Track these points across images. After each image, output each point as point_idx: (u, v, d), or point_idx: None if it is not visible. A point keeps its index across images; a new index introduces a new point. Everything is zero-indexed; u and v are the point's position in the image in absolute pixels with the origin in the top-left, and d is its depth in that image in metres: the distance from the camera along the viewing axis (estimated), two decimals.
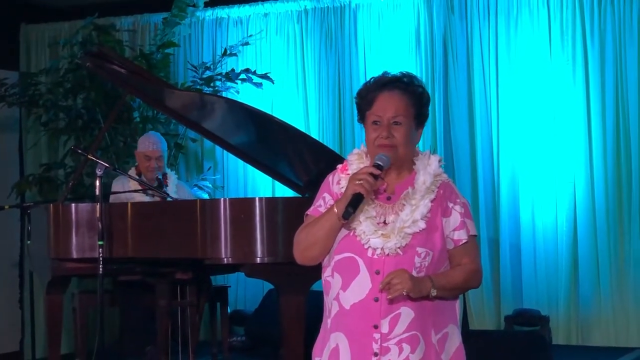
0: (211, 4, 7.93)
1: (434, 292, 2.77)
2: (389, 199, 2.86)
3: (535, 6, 7.19)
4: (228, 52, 7.67)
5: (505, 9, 7.27)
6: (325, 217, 2.83)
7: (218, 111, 5.75)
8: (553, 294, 7.07)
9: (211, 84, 7.54)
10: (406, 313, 2.77)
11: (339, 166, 2.96)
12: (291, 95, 7.90)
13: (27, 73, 8.18)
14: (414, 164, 2.90)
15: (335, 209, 2.79)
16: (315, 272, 2.97)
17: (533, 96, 7.18)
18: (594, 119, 7.03)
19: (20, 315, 8.39)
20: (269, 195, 7.65)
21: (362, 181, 2.75)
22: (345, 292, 2.81)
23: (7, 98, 7.68)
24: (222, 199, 5.41)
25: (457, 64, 7.40)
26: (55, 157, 8.23)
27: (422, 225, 2.80)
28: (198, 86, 7.54)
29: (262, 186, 7.85)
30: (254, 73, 7.50)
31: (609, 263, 6.94)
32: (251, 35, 7.91)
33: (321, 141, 6.61)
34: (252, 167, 6.31)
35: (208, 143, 7.80)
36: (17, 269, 8.41)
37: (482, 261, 3.00)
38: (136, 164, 6.26)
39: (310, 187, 5.57)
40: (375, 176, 2.77)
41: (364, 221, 2.81)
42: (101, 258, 5.20)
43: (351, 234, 2.82)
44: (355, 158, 2.93)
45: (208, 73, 7.63)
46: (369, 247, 2.79)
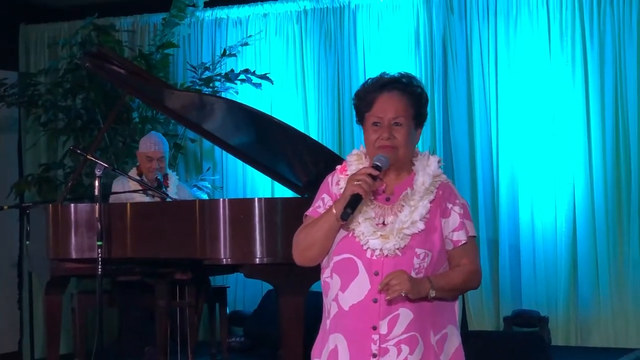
0: (210, 5, 7.92)
1: (433, 293, 2.77)
2: (388, 200, 2.86)
3: (534, 7, 7.19)
4: (227, 53, 7.67)
5: (504, 10, 7.27)
6: (324, 218, 2.83)
7: (217, 112, 5.74)
8: (552, 295, 7.06)
9: (210, 85, 7.53)
10: (405, 314, 2.77)
11: (338, 167, 2.95)
12: (290, 95, 7.90)
13: (27, 73, 8.17)
14: (413, 165, 2.90)
15: (334, 210, 2.79)
16: (314, 273, 2.97)
17: (532, 97, 7.18)
18: (593, 120, 7.03)
19: (19, 315, 8.38)
20: (268, 195, 7.64)
21: (361, 182, 2.75)
22: (344, 293, 2.81)
23: (7, 98, 7.68)
24: (221, 200, 5.40)
25: (457, 65, 7.39)
26: (54, 158, 8.23)
27: (421, 226, 2.80)
28: (197, 86, 7.53)
29: (261, 187, 7.85)
30: (253, 73, 7.50)
31: (608, 264, 6.94)
32: (250, 35, 7.90)
33: (320, 142, 6.61)
34: (252, 168, 6.30)
35: (207, 143, 7.79)
36: (16, 269, 8.41)
37: (482, 262, 3.00)
38: (137, 164, 6.25)
39: (309, 188, 5.56)
40: (373, 177, 2.77)
41: (363, 222, 2.80)
42: (100, 258, 5.19)
43: (350, 235, 2.82)
44: (354, 159, 2.93)
45: (207, 73, 7.63)
46: (368, 248, 2.79)
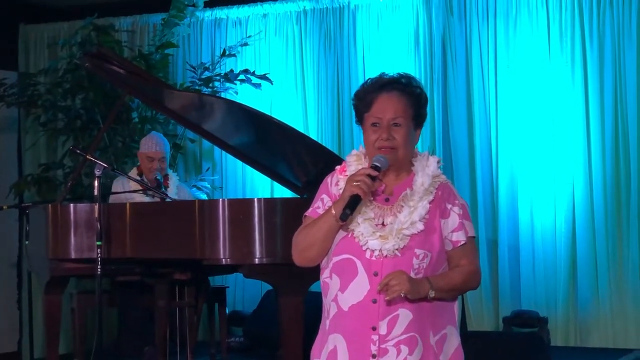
0: (210, 5, 7.92)
1: (432, 294, 2.77)
2: (387, 201, 2.86)
3: (534, 8, 7.19)
4: (227, 53, 7.67)
5: (504, 11, 7.27)
6: (323, 219, 2.83)
7: (217, 112, 5.74)
8: (551, 296, 7.06)
9: (210, 85, 7.53)
10: (404, 314, 2.77)
11: (338, 167, 2.95)
12: (290, 96, 7.90)
13: (26, 73, 8.17)
14: (413, 165, 2.89)
15: (333, 211, 2.79)
16: (313, 273, 2.97)
17: (532, 97, 7.18)
18: (593, 121, 7.03)
19: (18, 315, 8.38)
20: (268, 196, 7.64)
21: (360, 183, 2.75)
22: (343, 294, 2.81)
23: (6, 98, 7.68)
24: (221, 200, 5.41)
25: (456, 65, 7.39)
26: (54, 158, 8.23)
27: (421, 226, 2.80)
28: (197, 87, 7.53)
29: (261, 187, 7.85)
30: (253, 74, 7.50)
31: (608, 264, 6.94)
32: (250, 36, 7.90)
33: (320, 142, 6.61)
34: (251, 168, 6.30)
35: (207, 143, 7.80)
36: (16, 269, 8.41)
37: (481, 262, 3.00)
38: (137, 164, 6.25)
39: (308, 188, 5.56)
40: (373, 177, 2.77)
41: (362, 223, 2.80)
42: (99, 258, 5.19)
43: (349, 236, 2.82)
44: (353, 159, 2.93)
45: (207, 74, 7.62)
46: (367, 249, 2.79)
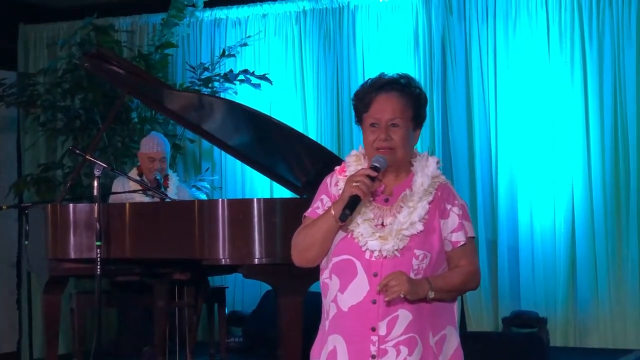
0: (210, 5, 7.92)
1: (432, 295, 2.77)
2: (387, 201, 2.86)
3: (533, 8, 7.19)
4: (226, 53, 7.67)
5: (503, 11, 7.27)
6: (322, 219, 2.83)
7: (216, 112, 5.74)
8: (551, 296, 7.06)
9: (209, 85, 7.53)
10: (404, 315, 2.77)
11: (337, 168, 2.95)
12: (289, 96, 7.90)
13: (26, 73, 8.17)
14: (412, 166, 2.89)
15: (332, 211, 2.79)
16: (313, 273, 2.97)
17: (531, 98, 7.18)
18: (592, 121, 7.03)
19: (17, 315, 8.38)
20: (267, 196, 7.64)
21: (359, 183, 2.75)
22: (343, 295, 2.81)
23: (5, 98, 7.68)
24: (220, 200, 5.41)
25: (456, 66, 7.40)
26: (53, 158, 8.22)
27: (420, 227, 2.79)
28: (196, 87, 7.53)
29: (260, 187, 7.85)
30: (253, 74, 7.50)
31: (607, 265, 6.94)
32: (250, 36, 7.90)
33: (319, 142, 6.61)
34: (250, 168, 6.30)
35: (206, 144, 7.79)
36: (15, 269, 8.41)
37: (480, 263, 3.00)
38: (137, 165, 6.25)
39: (308, 188, 5.56)
40: (372, 178, 2.77)
41: (362, 223, 2.80)
42: (99, 258, 5.19)
43: (349, 236, 2.82)
44: (353, 160, 2.93)
45: (206, 74, 7.62)
46: (367, 250, 2.79)
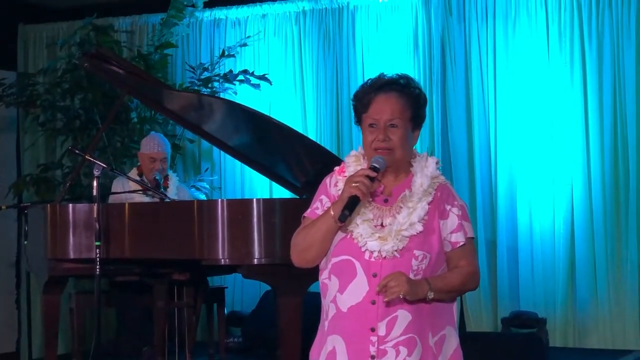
0: (209, 5, 7.92)
1: (431, 295, 2.77)
2: (386, 202, 2.86)
3: (533, 8, 7.19)
4: (226, 53, 7.67)
5: (503, 11, 7.27)
6: (322, 220, 2.83)
7: (216, 112, 5.74)
8: (550, 296, 7.06)
9: (209, 85, 7.53)
10: (403, 316, 2.77)
11: (337, 168, 2.95)
12: (289, 96, 7.90)
13: (25, 73, 8.17)
14: (411, 166, 2.89)
15: (331, 212, 2.79)
16: (312, 274, 2.97)
17: (531, 98, 7.18)
18: (592, 121, 7.03)
19: (17, 315, 8.38)
20: (267, 196, 7.64)
21: (359, 184, 2.75)
22: (342, 295, 2.81)
23: (5, 98, 7.68)
24: (220, 200, 5.40)
25: (455, 66, 7.40)
26: (52, 158, 8.23)
27: (420, 227, 2.80)
28: (196, 87, 7.53)
29: (260, 187, 7.85)
30: (252, 74, 7.50)
31: (606, 265, 6.94)
32: (249, 36, 7.90)
33: (319, 142, 6.61)
34: (250, 168, 6.30)
35: (205, 144, 7.79)
36: (14, 269, 8.41)
37: (480, 263, 2.99)
38: (137, 165, 6.25)
39: (307, 189, 5.56)
40: (371, 178, 2.77)
41: (361, 224, 2.80)
42: (98, 258, 5.19)
43: (348, 237, 2.82)
44: (352, 160, 2.93)
45: (206, 74, 7.62)
46: (366, 250, 2.79)
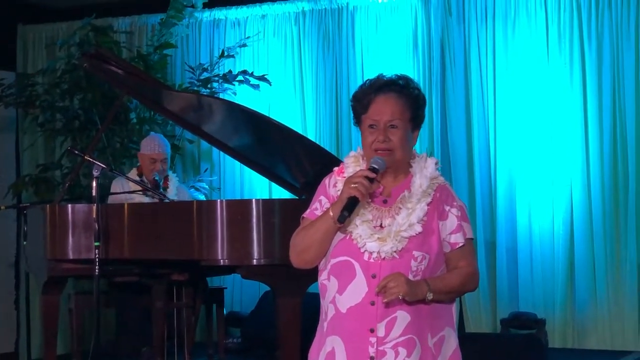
0: (209, 6, 7.92)
1: (430, 296, 2.76)
2: (386, 202, 2.86)
3: (532, 9, 7.19)
4: (225, 54, 7.66)
5: (503, 12, 7.27)
6: (321, 221, 2.82)
7: (215, 113, 5.74)
8: (549, 297, 7.06)
9: (208, 86, 7.53)
10: (402, 317, 2.77)
11: (336, 169, 2.95)
12: (288, 97, 7.90)
13: (24, 74, 8.16)
14: (411, 167, 2.89)
15: (331, 213, 2.79)
16: (311, 274, 2.97)
17: (530, 99, 7.18)
18: (591, 122, 7.03)
19: (15, 315, 8.38)
20: (266, 196, 7.64)
21: (358, 184, 2.74)
22: (341, 296, 2.80)
23: (4, 98, 7.67)
24: (219, 201, 5.40)
25: (455, 67, 7.39)
26: (51, 158, 8.22)
27: (419, 228, 2.79)
28: (195, 87, 7.52)
29: (259, 188, 7.85)
30: (252, 75, 7.49)
31: (605, 266, 6.94)
32: (249, 36, 7.90)
33: (318, 143, 6.61)
34: (249, 169, 6.30)
35: (205, 144, 7.79)
36: (14, 270, 8.41)
37: (479, 264, 2.99)
38: (137, 165, 6.25)
39: (307, 189, 5.55)
40: (370, 179, 2.77)
41: (360, 225, 2.80)
42: (97, 259, 5.19)
43: (347, 238, 2.81)
44: (351, 161, 2.93)
45: (205, 74, 7.62)
46: (365, 251, 2.79)
